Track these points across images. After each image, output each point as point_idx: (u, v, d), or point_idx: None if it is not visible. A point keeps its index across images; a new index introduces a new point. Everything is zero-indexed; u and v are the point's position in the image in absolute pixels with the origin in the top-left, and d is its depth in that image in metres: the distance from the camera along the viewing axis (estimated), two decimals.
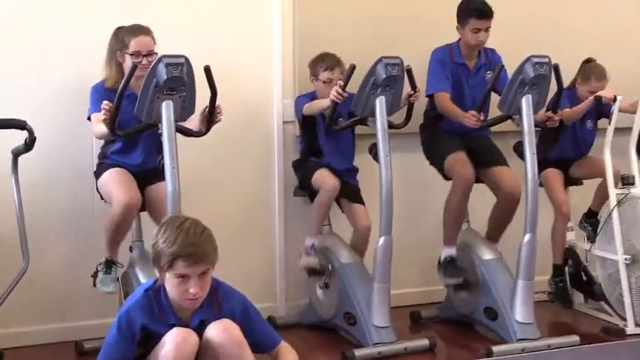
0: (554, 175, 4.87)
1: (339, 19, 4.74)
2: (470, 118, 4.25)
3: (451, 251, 4.54)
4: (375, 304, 4.09)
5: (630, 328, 4.52)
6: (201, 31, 4.45)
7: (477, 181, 4.59)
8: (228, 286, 3.01)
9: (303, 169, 4.53)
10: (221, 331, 2.86)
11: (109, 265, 3.99)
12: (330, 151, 4.49)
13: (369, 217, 4.40)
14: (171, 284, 2.79)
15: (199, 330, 2.88)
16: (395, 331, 4.15)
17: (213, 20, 4.52)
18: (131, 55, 3.84)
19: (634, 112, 4.73)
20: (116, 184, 3.86)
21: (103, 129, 3.72)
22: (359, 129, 4.40)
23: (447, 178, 4.58)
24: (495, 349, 4.11)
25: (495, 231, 4.58)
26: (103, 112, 3.64)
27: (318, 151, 4.49)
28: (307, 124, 4.48)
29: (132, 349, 2.88)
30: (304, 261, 4.48)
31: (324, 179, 4.35)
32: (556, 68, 4.15)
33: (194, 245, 2.74)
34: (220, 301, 2.94)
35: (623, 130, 4.77)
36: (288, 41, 4.69)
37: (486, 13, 4.42)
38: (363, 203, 4.47)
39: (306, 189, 4.52)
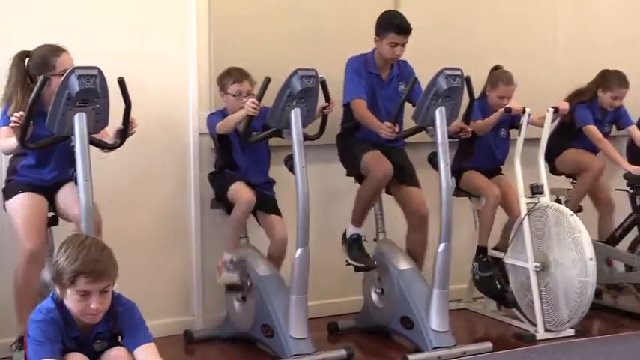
0: (473, 173, 5.02)
1: (254, 32, 4.75)
2: (385, 130, 4.31)
3: (357, 230, 4.64)
4: (293, 315, 4.09)
5: (540, 334, 4.65)
6: (116, 43, 4.38)
7: (389, 193, 4.69)
8: (125, 300, 3.02)
9: (218, 182, 4.51)
10: None
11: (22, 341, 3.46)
12: (245, 165, 4.48)
13: (285, 228, 4.41)
14: (72, 300, 2.83)
15: (94, 341, 2.94)
16: (313, 342, 4.15)
17: (128, 32, 4.46)
18: (60, 75, 3.64)
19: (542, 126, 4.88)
20: (23, 222, 3.72)
21: (12, 142, 3.61)
22: (274, 141, 4.40)
23: (362, 180, 4.62)
24: (412, 357, 4.16)
25: (417, 257, 4.62)
26: (12, 123, 3.54)
27: (234, 165, 4.48)
28: (222, 140, 4.46)
29: (58, 347, 2.86)
30: (224, 277, 4.44)
31: (240, 193, 4.33)
32: (468, 80, 4.24)
33: (96, 262, 2.79)
34: (116, 316, 2.97)
35: (533, 141, 4.91)
36: (204, 53, 4.66)
37: (406, 30, 4.49)
38: (279, 214, 4.48)
39: (222, 202, 4.49)
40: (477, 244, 5.02)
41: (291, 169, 4.17)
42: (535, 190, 4.79)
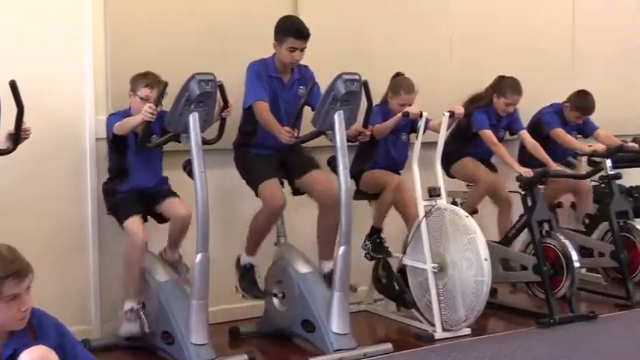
0: (371, 171, 5.10)
1: (152, 36, 4.70)
2: (284, 134, 4.33)
3: (251, 259, 4.67)
4: (193, 321, 4.04)
5: (439, 333, 4.75)
6: (9, 45, 4.27)
7: (298, 193, 4.71)
8: (40, 310, 2.88)
9: (110, 197, 4.43)
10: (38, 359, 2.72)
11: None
12: (138, 169, 4.41)
13: (187, 207, 4.34)
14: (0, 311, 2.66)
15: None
16: (214, 347, 4.12)
17: (22, 35, 4.34)
18: None
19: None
20: None
21: None
22: (172, 146, 4.33)
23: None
24: None
25: (326, 245, 4.64)
26: None
27: (125, 171, 4.40)
28: (117, 142, 4.38)
29: None
30: (123, 329, 4.33)
31: (134, 230, 4.24)
32: (365, 85, 4.30)
33: (15, 261, 2.68)
34: (35, 327, 2.80)
35: (431, 145, 5.02)
36: (101, 57, 4.58)
37: (304, 35, 4.51)
38: (177, 196, 4.44)
39: (116, 215, 4.42)
40: (372, 224, 5.11)
41: (190, 173, 4.12)
42: (432, 193, 4.89)
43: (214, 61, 4.48)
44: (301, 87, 4.65)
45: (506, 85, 5.51)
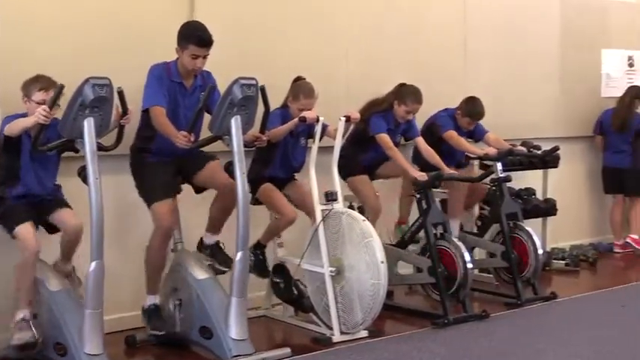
0: (270, 187, 5.07)
1: (44, 40, 4.56)
2: (181, 139, 4.28)
3: (154, 299, 4.60)
4: (87, 331, 3.95)
5: (337, 337, 4.79)
6: None
7: (200, 190, 4.68)
8: None
9: (3, 211, 4.27)
10: None
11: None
12: (31, 175, 4.27)
13: (79, 218, 4.23)
14: None
15: None
16: (109, 357, 4.04)
17: None
18: None
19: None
20: None
21: None
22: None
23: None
24: None
25: (217, 222, 4.67)
26: None
27: (16, 176, 4.26)
28: (9, 144, 4.23)
29: None
30: (16, 339, 4.14)
31: (26, 240, 4.09)
32: (263, 90, 4.30)
33: None
34: None
35: (328, 149, 5.07)
36: None
37: (206, 42, 4.46)
38: (69, 207, 4.33)
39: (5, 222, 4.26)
40: (259, 239, 5.11)
41: (85, 180, 4.02)
42: (329, 197, 4.93)
43: (112, 66, 4.40)
44: (203, 93, 4.60)
45: (407, 93, 5.60)
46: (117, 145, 4.30)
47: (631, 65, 8.05)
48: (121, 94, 4.07)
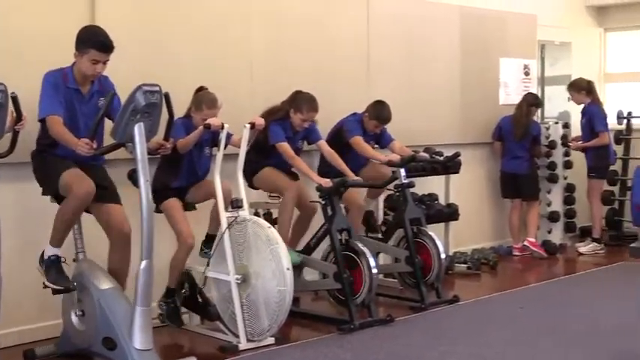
0: (175, 205, 4.99)
1: None
2: (82, 146, 4.18)
3: (56, 251, 4.46)
4: (138, 327, 3.94)
5: (243, 344, 4.77)
6: None
7: (87, 211, 4.55)
8: None
9: None
10: None
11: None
12: None
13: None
14: None
15: None
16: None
17: None
18: None
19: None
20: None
21: None
22: None
23: (60, 199, 4.44)
24: None
25: (120, 277, 4.51)
26: None
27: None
28: None
29: None
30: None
31: None
32: (167, 97, 4.24)
33: None
34: None
35: (232, 156, 5.05)
36: None
37: (107, 47, 4.36)
38: None
39: None
40: (167, 284, 5.02)
41: None
42: (234, 204, 4.91)
43: (6, 69, 4.26)
44: (102, 99, 4.50)
45: (302, 101, 5.61)
46: (11, 152, 4.17)
47: (527, 74, 8.33)
48: (15, 99, 3.97)
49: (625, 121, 8.69)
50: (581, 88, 8.03)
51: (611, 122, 8.25)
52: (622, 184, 8.64)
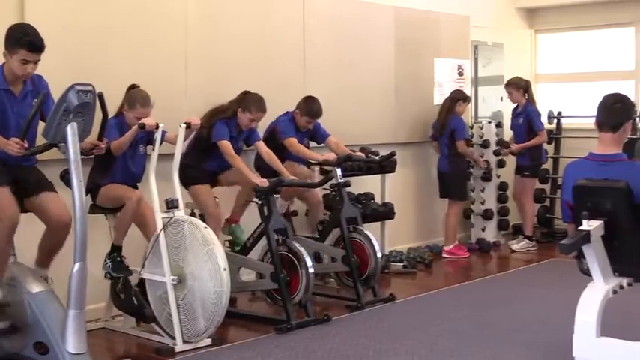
0: (109, 185, 4.96)
1: None
2: (13, 146, 4.10)
3: None
4: (71, 331, 3.86)
5: (179, 346, 4.74)
6: None
7: (25, 210, 4.45)
8: None
9: None
10: None
11: None
12: None
13: None
14: None
15: None
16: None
17: None
18: None
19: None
20: None
21: None
22: None
23: None
24: None
25: (46, 257, 4.48)
26: None
27: None
28: None
29: None
30: None
31: None
32: (100, 96, 4.17)
33: None
34: None
35: (169, 156, 5.01)
36: None
37: (38, 47, 4.25)
38: None
39: None
40: (112, 242, 4.99)
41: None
42: (170, 205, 4.87)
43: None
44: (35, 99, 4.41)
45: (251, 101, 5.62)
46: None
47: (460, 74, 8.45)
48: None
49: (555, 120, 8.89)
50: (520, 87, 8.14)
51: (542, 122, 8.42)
52: (553, 182, 8.87)
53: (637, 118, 7.91)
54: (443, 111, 7.75)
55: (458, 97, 7.74)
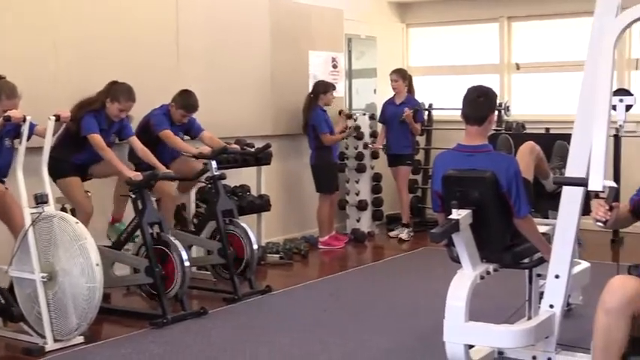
0: None
1: None
2: None
3: None
4: None
5: (50, 345, 4.60)
6: None
7: None
8: None
9: None
10: None
11: None
12: None
13: None
14: None
15: None
16: None
17: None
18: None
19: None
20: None
21: None
22: None
23: None
24: None
25: None
26: None
27: None
28: None
29: None
30: None
31: None
32: None
33: None
34: None
35: (37, 150, 4.84)
36: None
37: None
38: None
39: None
40: None
41: None
42: (40, 200, 4.72)
43: None
44: None
45: (119, 91, 5.51)
46: None
47: (335, 67, 8.54)
48: None
49: (426, 112, 9.13)
50: (405, 78, 8.30)
51: None
52: (424, 172, 9.10)
53: (501, 110, 8.25)
54: (304, 107, 7.76)
55: (319, 91, 7.71)
